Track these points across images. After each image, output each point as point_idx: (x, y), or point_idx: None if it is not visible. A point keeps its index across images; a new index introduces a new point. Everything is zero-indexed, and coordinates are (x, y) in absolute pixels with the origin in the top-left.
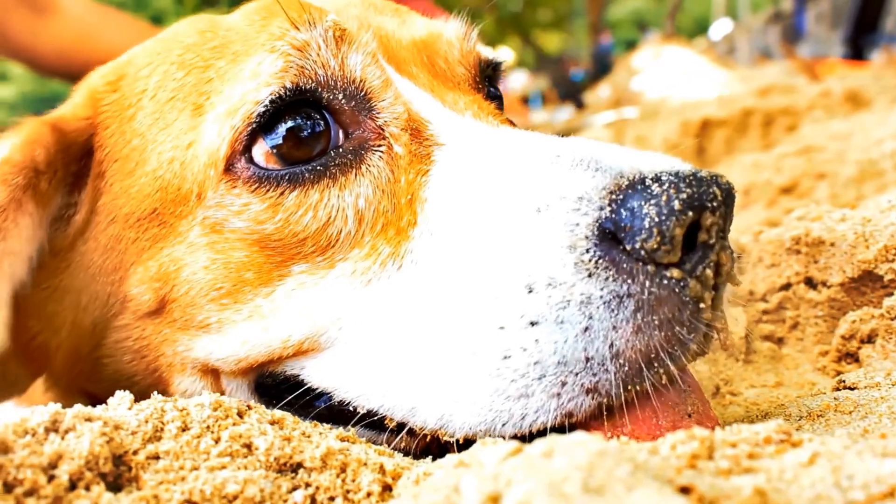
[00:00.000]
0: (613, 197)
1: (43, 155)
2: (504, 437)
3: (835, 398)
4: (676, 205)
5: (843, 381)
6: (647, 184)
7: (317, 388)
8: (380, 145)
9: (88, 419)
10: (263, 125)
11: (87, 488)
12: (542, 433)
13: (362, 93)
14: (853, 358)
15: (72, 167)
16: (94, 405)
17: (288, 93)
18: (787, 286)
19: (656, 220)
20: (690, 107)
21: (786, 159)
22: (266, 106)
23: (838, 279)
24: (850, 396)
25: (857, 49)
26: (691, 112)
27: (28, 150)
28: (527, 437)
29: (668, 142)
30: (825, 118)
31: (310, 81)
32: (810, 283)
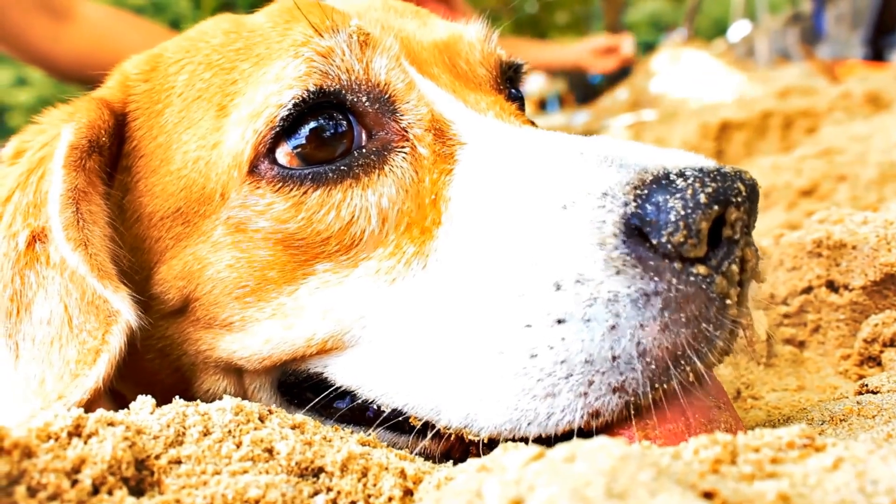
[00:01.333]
0: (638, 192)
1: (105, 136)
2: (529, 437)
3: (857, 402)
4: (702, 198)
5: (866, 385)
6: (671, 179)
7: (340, 387)
8: (403, 146)
9: (111, 424)
10: (287, 128)
11: (110, 493)
12: (566, 435)
13: (386, 96)
14: (875, 361)
15: (114, 149)
16: (118, 401)
17: (311, 96)
18: (808, 289)
19: (682, 213)
20: (709, 109)
21: (806, 161)
22: (289, 109)
23: (860, 282)
24: (872, 400)
25: (877, 50)
26: (710, 114)
27: (92, 132)
28: (551, 439)
29: (687, 144)
30: (845, 120)
31: (333, 84)
32: (832, 286)
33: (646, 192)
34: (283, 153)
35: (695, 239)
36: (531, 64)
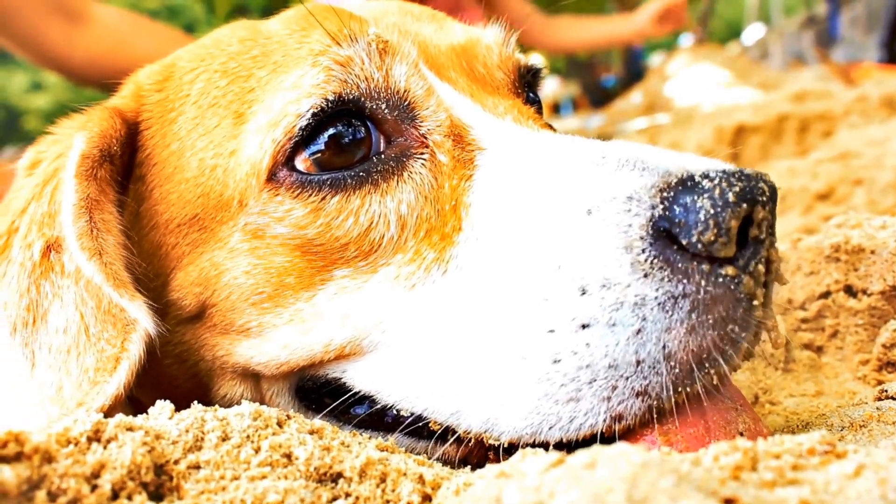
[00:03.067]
0: (665, 195)
1: (117, 147)
2: (550, 441)
3: (877, 408)
4: (731, 197)
5: (885, 391)
6: (697, 180)
7: (359, 392)
8: (422, 153)
9: (130, 429)
10: (305, 138)
11: (130, 498)
12: (585, 438)
13: (406, 103)
14: (894, 367)
15: (125, 158)
16: (134, 406)
17: (329, 105)
18: (826, 294)
19: (712, 212)
20: (724, 112)
21: (822, 165)
22: (308, 119)
23: (879, 287)
24: (893, 406)
25: (893, 53)
26: (725, 118)
27: (104, 141)
28: (571, 443)
29: (703, 148)
30: (861, 124)
31: (352, 91)
32: (850, 291)
33: (672, 194)
34: (302, 160)
35: (725, 237)
36: (587, 43)
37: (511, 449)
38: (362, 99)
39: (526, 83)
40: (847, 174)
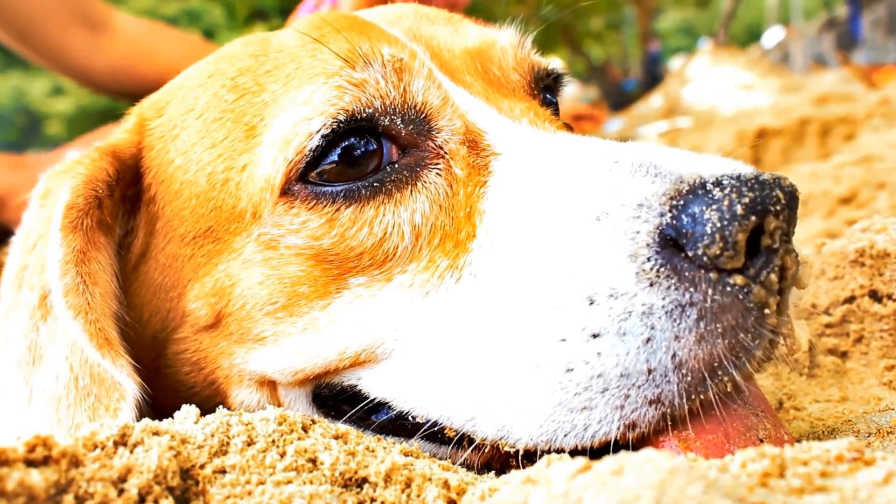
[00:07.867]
0: (674, 203)
1: (105, 189)
2: (565, 449)
3: None
4: (739, 209)
5: None
6: (707, 188)
7: (375, 399)
8: (437, 163)
9: (156, 433)
10: (317, 156)
11: (156, 502)
12: (603, 445)
13: (422, 116)
14: None
15: (128, 192)
16: (154, 410)
17: (341, 125)
18: (850, 299)
19: (718, 225)
20: (745, 116)
21: (844, 169)
22: (318, 141)
23: None
24: None
25: None
26: (746, 121)
27: (90, 188)
28: (588, 449)
29: (724, 151)
30: (884, 127)
31: (367, 108)
32: (875, 296)
33: (682, 202)
34: (315, 173)
35: (731, 251)
36: None
37: (528, 455)
38: (376, 115)
39: (545, 87)
40: (870, 178)
